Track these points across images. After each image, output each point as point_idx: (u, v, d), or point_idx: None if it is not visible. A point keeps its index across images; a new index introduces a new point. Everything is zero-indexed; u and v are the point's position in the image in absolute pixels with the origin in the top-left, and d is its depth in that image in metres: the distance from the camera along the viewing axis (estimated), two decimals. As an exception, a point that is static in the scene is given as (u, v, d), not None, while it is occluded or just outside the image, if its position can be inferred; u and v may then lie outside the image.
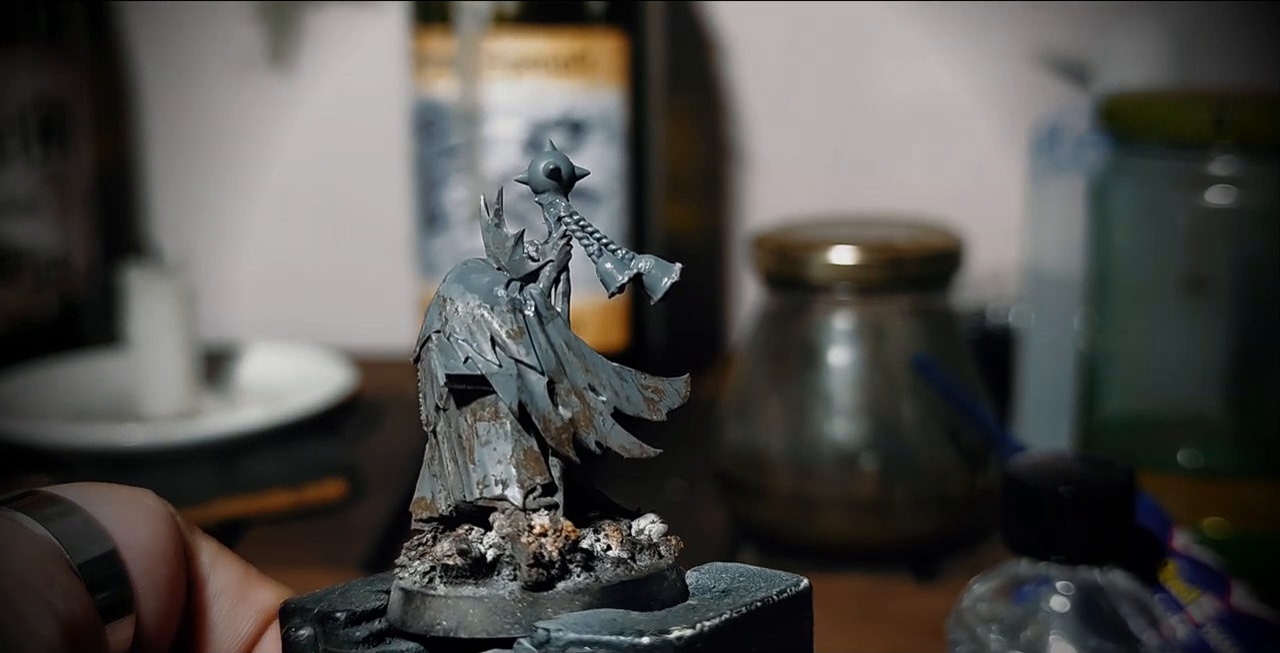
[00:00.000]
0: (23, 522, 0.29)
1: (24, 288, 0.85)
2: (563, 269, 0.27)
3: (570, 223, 0.27)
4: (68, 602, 0.28)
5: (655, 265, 0.26)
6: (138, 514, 0.31)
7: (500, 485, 0.26)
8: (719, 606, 0.25)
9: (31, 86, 0.83)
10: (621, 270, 0.26)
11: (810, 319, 0.66)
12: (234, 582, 0.32)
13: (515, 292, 0.26)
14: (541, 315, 0.26)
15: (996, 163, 0.91)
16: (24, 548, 0.29)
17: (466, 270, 0.27)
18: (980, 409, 0.61)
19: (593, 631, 0.24)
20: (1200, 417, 0.65)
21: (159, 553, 0.30)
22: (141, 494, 0.31)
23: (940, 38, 0.92)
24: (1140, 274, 0.65)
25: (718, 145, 0.96)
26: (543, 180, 0.28)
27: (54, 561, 0.29)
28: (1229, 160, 0.61)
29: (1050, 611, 0.43)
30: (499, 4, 0.75)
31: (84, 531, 0.30)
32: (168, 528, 0.31)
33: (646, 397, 0.26)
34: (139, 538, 0.30)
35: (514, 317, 0.26)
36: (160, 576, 0.30)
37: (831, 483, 0.64)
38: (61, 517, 0.30)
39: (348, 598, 0.28)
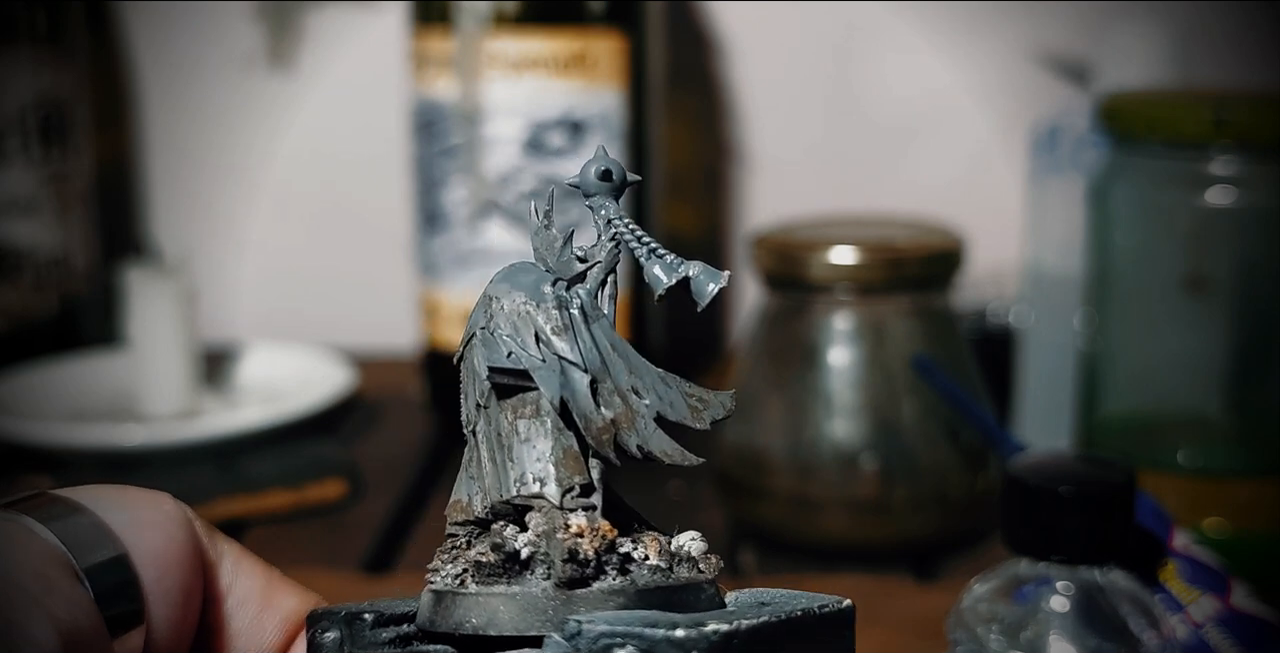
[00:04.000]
0: (27, 525, 0.28)
1: (24, 288, 0.84)
2: (610, 271, 0.27)
3: (620, 226, 0.27)
4: (70, 610, 0.26)
5: (703, 271, 0.26)
6: (152, 519, 0.29)
7: (538, 483, 0.25)
8: (758, 611, 0.25)
9: (31, 86, 0.83)
10: (669, 274, 0.26)
11: (810, 319, 0.66)
12: (258, 589, 0.31)
13: (562, 290, 0.26)
14: (588, 315, 0.26)
15: (997, 163, 0.91)
16: (26, 552, 0.27)
17: (514, 271, 0.27)
18: (980, 409, 0.61)
19: (625, 624, 0.23)
20: (1200, 417, 0.65)
21: (173, 560, 0.29)
22: (158, 498, 0.30)
23: (940, 38, 0.92)
24: (1140, 274, 0.65)
25: (718, 145, 0.96)
26: (594, 183, 0.27)
27: (57, 566, 0.28)
28: (1229, 160, 0.61)
29: (1050, 611, 0.43)
30: (499, 4, 0.75)
31: (92, 535, 0.29)
32: (184, 534, 0.30)
33: (691, 404, 0.26)
34: (152, 544, 0.29)
35: (559, 313, 0.26)
36: (173, 583, 0.29)
37: (831, 483, 0.64)
38: (69, 520, 0.29)
39: (376, 604, 0.28)
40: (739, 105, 0.95)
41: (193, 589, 0.30)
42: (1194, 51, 0.77)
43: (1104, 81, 0.74)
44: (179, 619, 0.29)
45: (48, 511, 0.29)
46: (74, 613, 0.26)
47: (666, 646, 0.23)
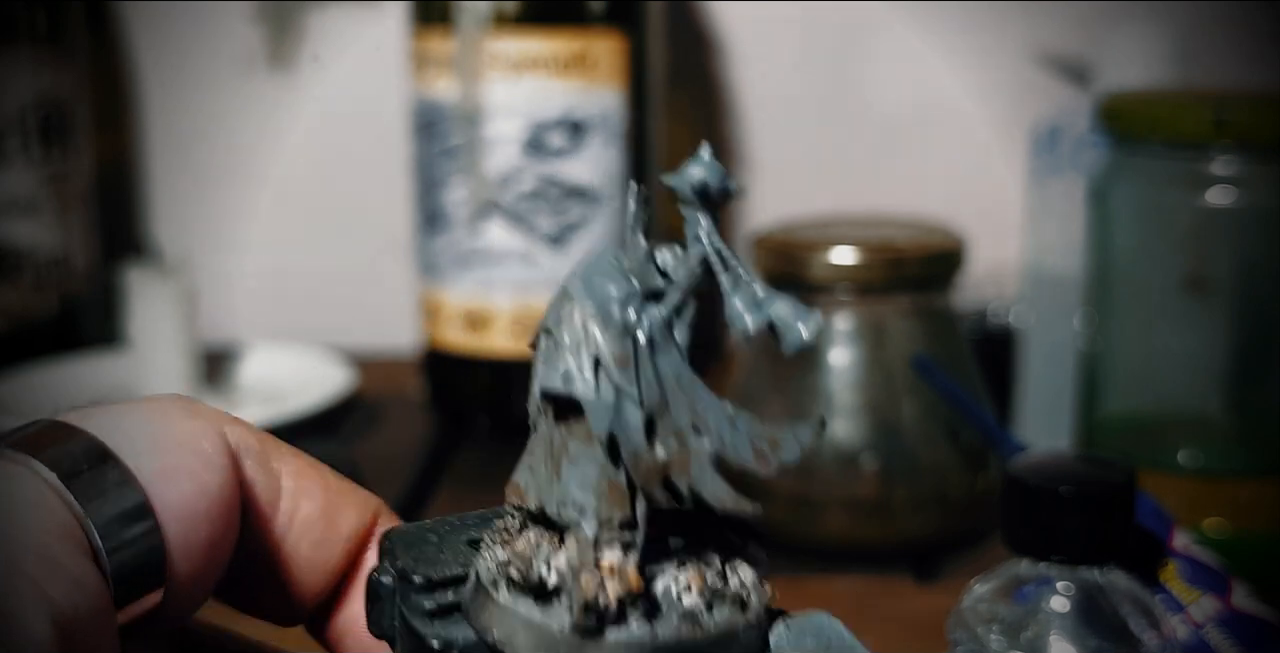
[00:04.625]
0: (37, 472, 0.25)
1: (24, 288, 0.84)
2: (690, 296, 0.24)
3: (708, 246, 0.24)
4: (73, 595, 0.24)
5: (792, 313, 0.23)
6: (185, 466, 0.26)
7: (577, 512, 0.24)
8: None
9: (31, 86, 0.83)
10: (753, 312, 0.23)
11: (810, 319, 0.66)
12: (319, 511, 0.28)
13: (632, 311, 0.23)
14: (655, 344, 0.23)
15: (996, 163, 0.91)
16: (32, 519, 0.24)
17: (594, 268, 0.24)
18: (980, 409, 0.61)
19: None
20: (1200, 417, 0.65)
21: (202, 514, 0.26)
22: (197, 436, 0.27)
23: (940, 38, 0.92)
24: (1140, 274, 0.65)
25: (718, 145, 0.96)
26: (688, 191, 0.24)
27: (66, 539, 0.24)
28: (1229, 160, 0.61)
29: (1050, 611, 0.43)
30: (499, 4, 0.75)
31: (113, 488, 0.25)
32: (219, 480, 0.27)
33: (757, 447, 0.24)
34: (181, 497, 0.26)
35: (624, 341, 0.23)
36: (200, 538, 0.26)
37: (831, 483, 0.64)
38: (88, 467, 0.25)
39: (440, 549, 0.26)
40: (739, 105, 0.95)
41: (223, 541, 0.27)
42: (1194, 51, 0.77)
43: (1104, 81, 0.74)
44: (203, 573, 0.27)
45: (64, 451, 0.26)
46: (77, 598, 0.24)
47: None
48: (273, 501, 0.28)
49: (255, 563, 0.28)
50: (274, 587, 0.29)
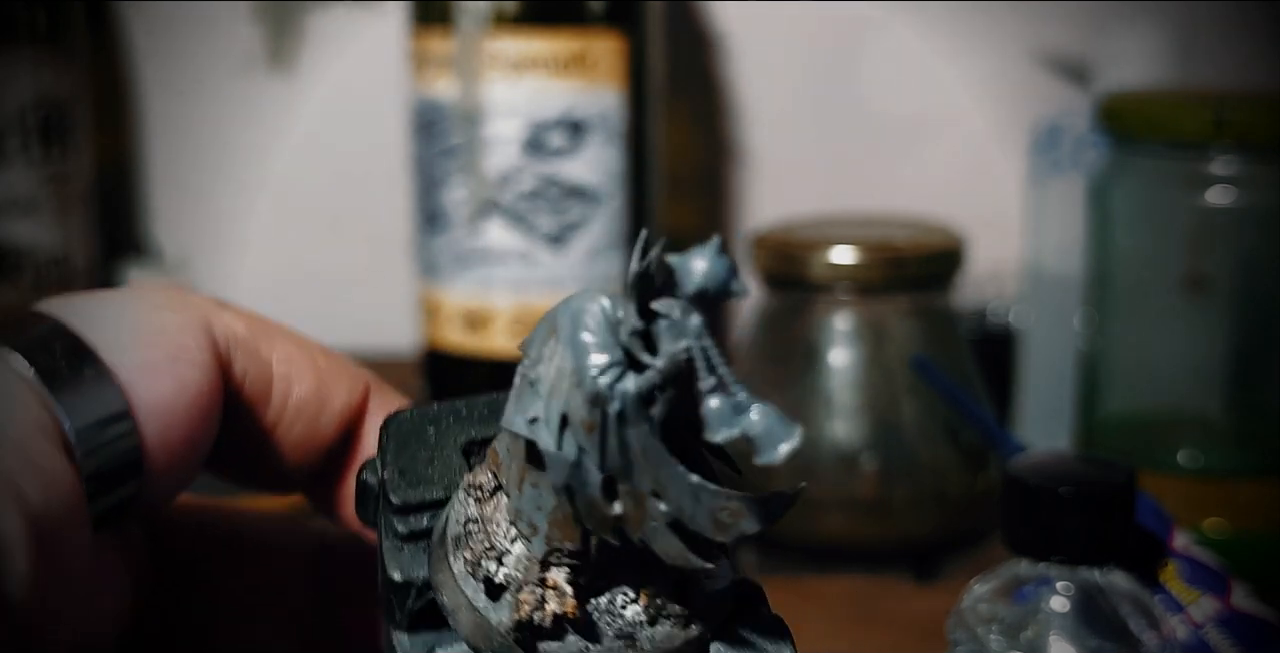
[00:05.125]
0: (14, 366, 0.24)
1: (24, 288, 0.84)
2: (668, 383, 0.22)
3: (695, 346, 0.21)
4: (47, 493, 0.23)
5: (770, 428, 0.22)
6: (166, 361, 0.26)
7: (529, 529, 0.23)
8: None
9: (31, 86, 0.83)
10: (728, 423, 0.21)
11: (810, 319, 0.66)
12: (311, 393, 0.28)
13: (608, 381, 0.21)
14: (625, 417, 0.22)
15: (996, 163, 0.91)
16: (8, 414, 0.23)
17: (583, 312, 0.22)
18: (980, 409, 0.61)
19: None
20: (1200, 417, 0.65)
21: (181, 411, 0.26)
22: (181, 332, 0.26)
23: (940, 38, 0.92)
24: (1140, 274, 0.65)
25: (718, 145, 0.96)
26: (687, 286, 0.22)
27: (42, 434, 0.24)
28: (1229, 160, 0.61)
29: (1050, 611, 0.43)
30: (499, 4, 0.74)
31: (91, 383, 0.25)
32: (200, 376, 0.26)
33: (718, 519, 0.22)
34: (160, 394, 0.25)
35: (594, 409, 0.21)
36: (179, 435, 0.26)
37: (831, 483, 0.64)
38: (66, 361, 0.25)
39: (432, 457, 0.25)
40: (739, 105, 0.95)
41: (203, 437, 0.26)
42: (1194, 51, 0.77)
43: (1104, 81, 0.74)
44: (180, 468, 0.26)
45: (41, 344, 0.25)
46: (50, 495, 0.23)
47: None
48: (264, 388, 0.27)
49: (247, 445, 0.28)
50: (266, 464, 0.29)
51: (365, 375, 0.29)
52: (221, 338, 0.27)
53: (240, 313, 0.28)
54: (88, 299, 0.26)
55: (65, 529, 0.23)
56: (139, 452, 0.25)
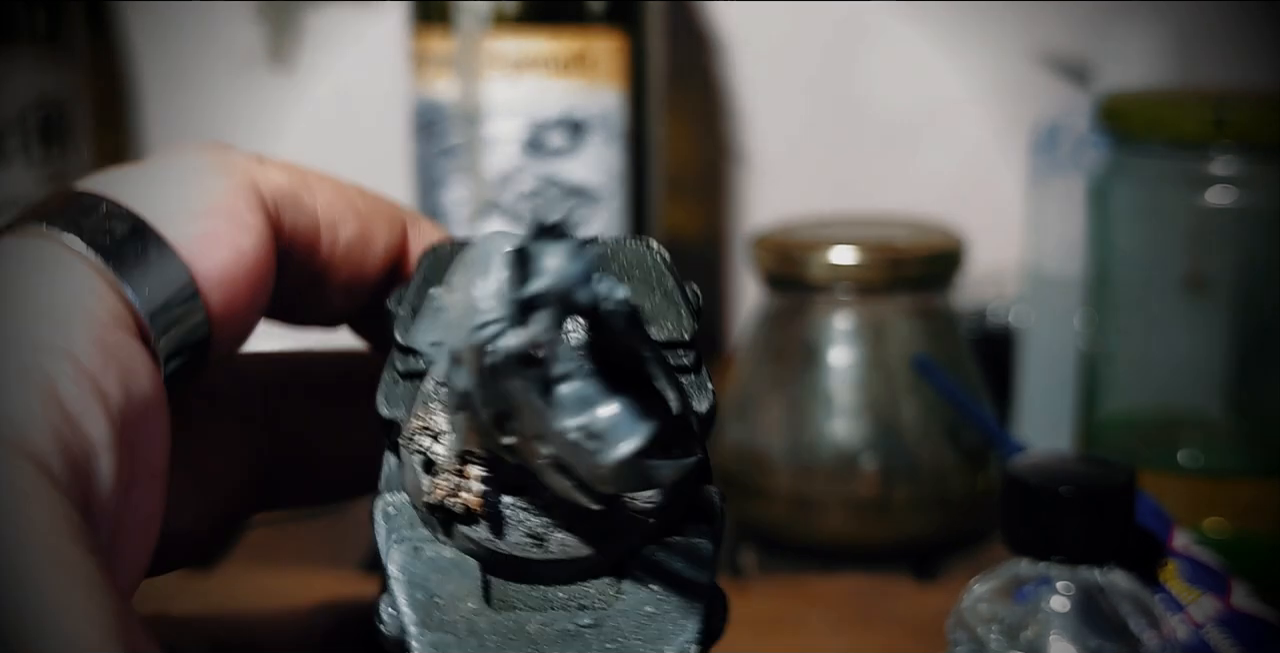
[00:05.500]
0: (74, 253, 0.23)
1: (24, 288, 0.84)
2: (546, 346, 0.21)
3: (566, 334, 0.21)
4: (130, 388, 0.22)
5: (619, 422, 0.21)
6: (224, 231, 0.25)
7: (451, 427, 0.24)
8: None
9: (31, 86, 0.83)
10: (575, 410, 0.21)
11: (810, 319, 0.66)
12: (354, 237, 0.28)
13: (488, 335, 0.21)
14: (500, 372, 0.21)
15: (996, 163, 0.91)
16: (76, 305, 0.22)
17: (491, 255, 0.22)
18: (980, 409, 0.61)
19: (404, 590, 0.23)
20: (1200, 417, 0.65)
21: (242, 280, 0.25)
22: (231, 195, 0.25)
23: (940, 37, 0.92)
24: (1140, 274, 0.65)
25: (718, 145, 0.96)
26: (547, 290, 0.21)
27: (118, 323, 0.23)
28: (1229, 160, 0.61)
29: (1050, 611, 0.43)
30: (499, 4, 0.74)
31: (157, 267, 0.24)
32: (255, 241, 0.25)
33: (597, 476, 0.22)
34: (221, 265, 0.25)
35: (475, 357, 0.21)
36: (239, 306, 0.25)
37: (831, 483, 0.64)
38: (129, 243, 0.23)
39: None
40: (739, 105, 0.95)
41: (259, 302, 0.26)
42: (1194, 51, 0.77)
43: (1104, 81, 0.74)
44: (239, 336, 0.26)
45: (99, 225, 0.24)
46: (134, 392, 0.22)
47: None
48: (312, 238, 0.27)
49: (295, 292, 0.28)
50: (313, 307, 0.29)
51: (402, 212, 0.29)
52: (269, 195, 0.26)
53: (279, 165, 0.27)
54: (131, 172, 0.25)
55: (149, 428, 0.23)
56: (207, 329, 0.25)
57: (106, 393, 0.21)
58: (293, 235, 0.27)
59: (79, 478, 0.21)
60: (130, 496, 0.22)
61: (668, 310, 0.26)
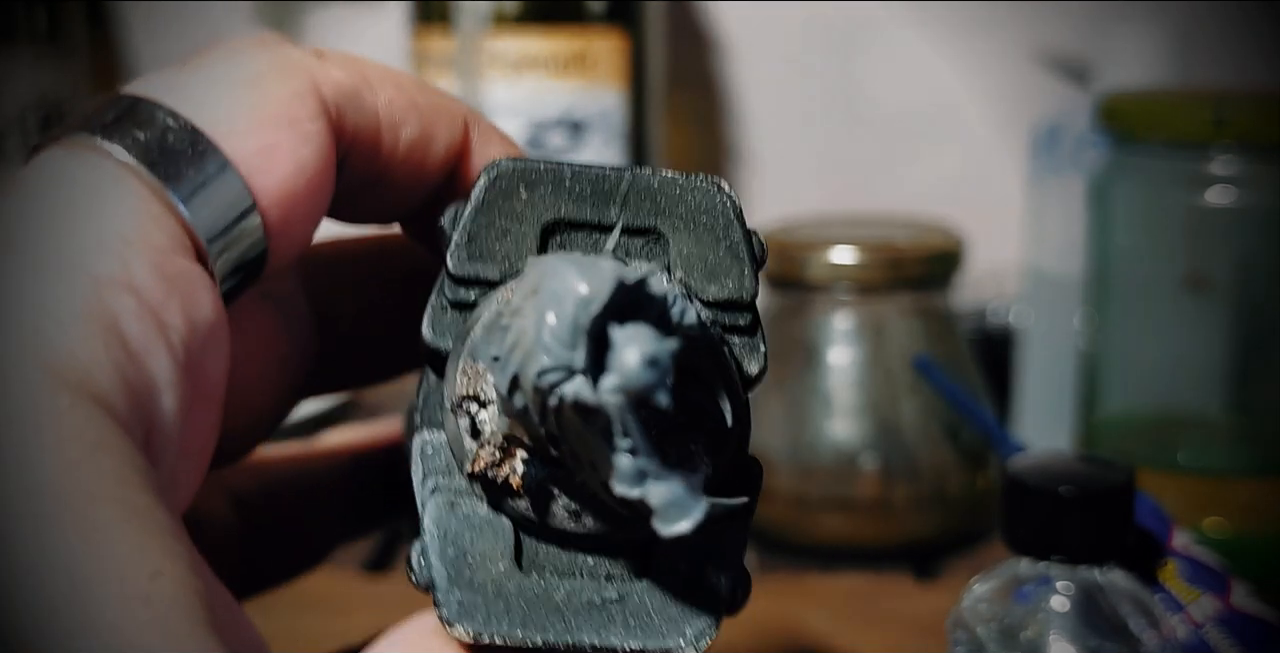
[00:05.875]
0: (128, 169, 0.22)
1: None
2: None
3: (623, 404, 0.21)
4: (190, 316, 0.22)
5: (672, 503, 0.21)
6: (285, 142, 0.24)
7: (500, 408, 0.23)
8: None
9: (31, 86, 0.83)
10: (631, 483, 0.21)
11: (810, 319, 0.66)
12: (416, 138, 0.27)
13: (551, 381, 0.21)
14: (561, 413, 0.21)
15: (996, 163, 0.91)
16: (134, 227, 0.21)
17: (563, 294, 0.21)
18: (980, 409, 0.61)
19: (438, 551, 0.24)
20: (1200, 417, 0.65)
21: (301, 195, 0.24)
22: (293, 102, 0.24)
23: (940, 38, 0.92)
24: (1140, 274, 0.65)
25: (718, 145, 0.96)
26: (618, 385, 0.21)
27: (179, 251, 0.22)
28: (1229, 160, 0.61)
29: (1050, 611, 0.43)
30: (499, 4, 0.75)
31: (215, 183, 0.23)
32: (319, 156, 0.24)
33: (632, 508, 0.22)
34: (281, 182, 0.24)
35: (536, 392, 0.21)
36: (297, 219, 0.24)
37: (831, 483, 0.64)
38: (185, 157, 0.22)
39: (509, 227, 0.25)
40: (739, 105, 0.95)
41: (318, 213, 0.25)
42: (1194, 51, 0.77)
43: (1104, 81, 0.74)
44: (297, 250, 0.25)
45: (156, 139, 0.22)
46: (196, 319, 0.22)
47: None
48: (372, 138, 0.26)
49: (354, 193, 0.27)
50: (371, 207, 0.28)
51: (464, 110, 0.28)
52: (330, 97, 0.25)
53: (339, 60, 0.26)
54: (187, 75, 0.24)
55: (210, 352, 0.22)
56: (265, 243, 0.24)
57: (169, 326, 0.21)
58: (354, 137, 0.26)
59: (143, 418, 0.20)
60: (189, 421, 0.22)
61: (730, 266, 0.26)
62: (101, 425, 0.19)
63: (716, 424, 0.24)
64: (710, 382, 0.23)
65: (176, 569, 0.19)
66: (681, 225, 0.26)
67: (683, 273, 0.26)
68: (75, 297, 0.20)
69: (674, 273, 0.26)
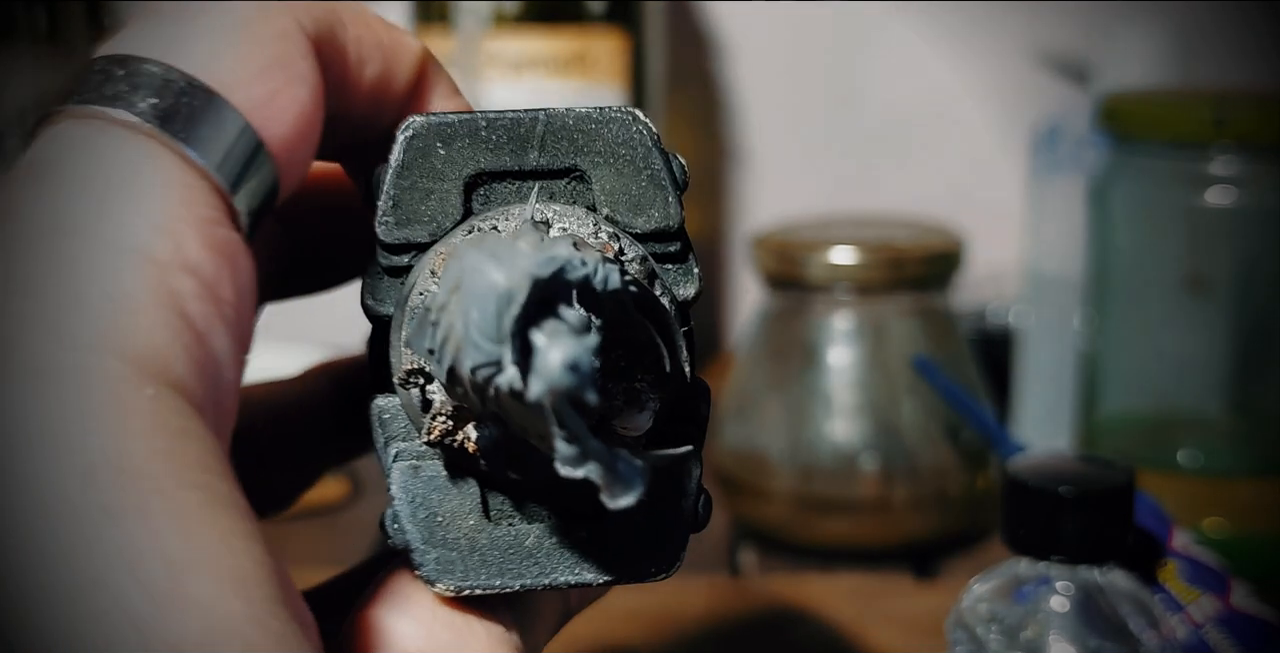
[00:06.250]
0: (162, 144, 0.22)
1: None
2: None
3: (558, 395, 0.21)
4: (235, 284, 0.22)
5: (610, 479, 0.21)
6: (286, 88, 0.24)
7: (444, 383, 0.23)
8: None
9: (31, 86, 0.83)
10: (573, 463, 0.21)
11: (810, 319, 0.66)
12: (380, 73, 0.26)
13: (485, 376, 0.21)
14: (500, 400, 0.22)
15: (996, 163, 0.91)
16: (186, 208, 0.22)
17: (484, 292, 0.21)
18: (980, 409, 0.61)
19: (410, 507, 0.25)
20: (1200, 417, 0.65)
21: (304, 137, 0.24)
22: (287, 44, 0.24)
23: (940, 38, 0.92)
24: (1140, 274, 0.65)
25: (718, 145, 0.96)
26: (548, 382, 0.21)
27: (217, 220, 0.22)
28: (1229, 160, 0.61)
29: (1050, 611, 0.43)
30: (499, 4, 0.75)
31: (234, 140, 0.23)
32: (314, 96, 0.24)
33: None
34: (285, 127, 0.24)
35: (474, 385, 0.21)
36: (300, 160, 0.25)
37: (831, 483, 0.64)
38: (205, 121, 0.23)
39: (433, 185, 0.25)
40: (739, 105, 0.95)
41: (314, 151, 0.25)
42: (1194, 51, 0.77)
43: (1104, 81, 0.74)
44: (298, 180, 0.25)
45: (173, 105, 0.22)
46: (241, 286, 0.22)
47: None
48: (340, 76, 0.26)
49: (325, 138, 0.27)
50: (326, 143, 0.27)
51: (421, 49, 0.28)
52: (311, 34, 0.25)
53: (316, 3, 0.26)
54: (177, 27, 0.24)
55: (250, 311, 0.23)
56: (276, 186, 0.24)
57: (223, 300, 0.22)
58: (327, 73, 0.26)
59: (211, 397, 0.21)
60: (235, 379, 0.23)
61: (655, 196, 0.26)
62: (182, 413, 0.20)
63: (657, 360, 0.24)
64: (645, 322, 0.24)
65: (256, 550, 0.20)
66: (602, 161, 0.26)
67: (609, 209, 0.26)
68: (142, 283, 0.21)
69: (600, 209, 0.26)
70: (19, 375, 0.19)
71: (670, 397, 0.24)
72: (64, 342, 0.20)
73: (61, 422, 0.19)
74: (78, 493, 0.19)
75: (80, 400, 0.19)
